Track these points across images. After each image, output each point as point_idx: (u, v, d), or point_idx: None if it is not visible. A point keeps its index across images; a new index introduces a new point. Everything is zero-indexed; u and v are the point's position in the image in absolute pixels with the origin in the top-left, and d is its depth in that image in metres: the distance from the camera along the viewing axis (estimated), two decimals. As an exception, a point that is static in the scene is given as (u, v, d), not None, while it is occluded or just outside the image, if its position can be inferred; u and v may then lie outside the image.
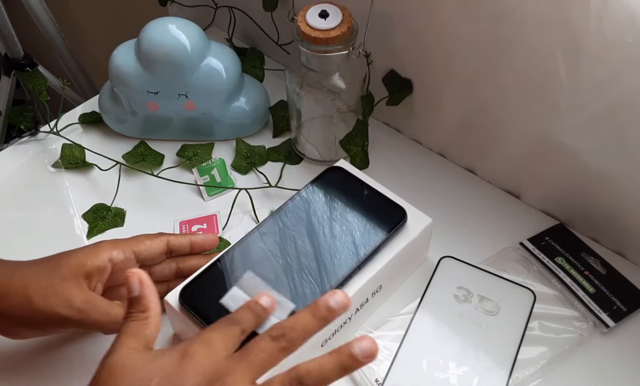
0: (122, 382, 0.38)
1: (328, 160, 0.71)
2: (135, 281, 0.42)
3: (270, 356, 0.39)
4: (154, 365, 0.38)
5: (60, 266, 0.49)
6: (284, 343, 0.39)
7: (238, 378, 0.38)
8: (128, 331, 0.41)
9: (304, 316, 0.41)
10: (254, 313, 0.43)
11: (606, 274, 0.59)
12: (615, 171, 0.57)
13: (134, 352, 0.39)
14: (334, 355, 0.39)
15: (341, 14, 0.60)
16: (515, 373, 0.52)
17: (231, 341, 0.41)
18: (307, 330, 0.40)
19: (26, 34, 1.14)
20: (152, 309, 0.41)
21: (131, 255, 0.52)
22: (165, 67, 0.67)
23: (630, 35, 0.49)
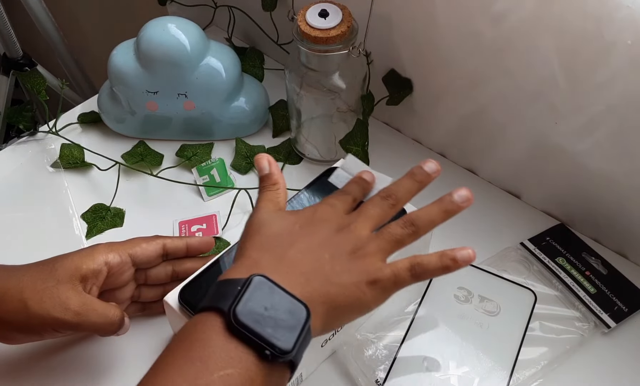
0: (273, 226, 0.45)
1: (328, 160, 0.71)
2: (265, 162, 0.49)
3: (382, 210, 0.47)
4: (294, 216, 0.46)
5: (55, 270, 0.49)
6: (392, 200, 0.47)
7: (360, 225, 0.45)
8: (266, 198, 0.48)
9: (405, 180, 0.48)
10: (360, 185, 0.50)
11: (607, 275, 0.59)
12: (616, 171, 0.57)
13: (273, 211, 0.47)
14: (438, 202, 0.46)
15: (341, 14, 0.60)
16: (516, 373, 0.52)
17: (348, 205, 0.48)
18: (409, 190, 0.47)
19: (25, 34, 1.14)
20: (281, 183, 0.49)
21: (127, 258, 0.52)
22: (164, 67, 0.67)
23: (629, 37, 0.49)
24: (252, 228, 0.45)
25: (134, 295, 0.55)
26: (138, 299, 0.56)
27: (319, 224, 0.45)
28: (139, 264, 0.54)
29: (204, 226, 0.65)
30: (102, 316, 0.49)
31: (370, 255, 0.44)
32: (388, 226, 0.45)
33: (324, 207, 0.47)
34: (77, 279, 0.49)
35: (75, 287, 0.49)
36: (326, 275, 0.42)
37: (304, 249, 0.43)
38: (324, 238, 0.44)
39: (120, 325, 0.51)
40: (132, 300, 0.56)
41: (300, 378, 0.53)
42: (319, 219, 0.46)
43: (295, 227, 0.45)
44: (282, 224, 0.45)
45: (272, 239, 0.44)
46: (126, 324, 0.51)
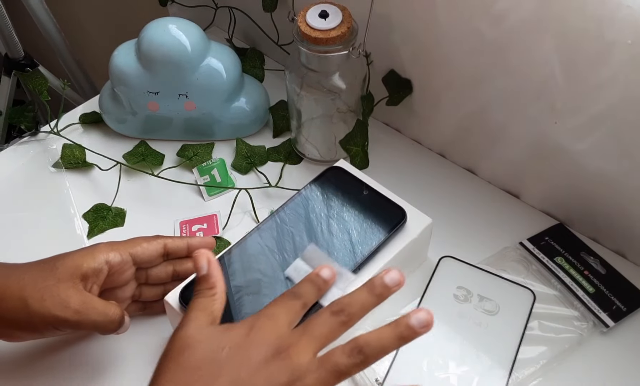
0: (196, 352, 0.40)
1: (328, 160, 0.71)
2: (203, 260, 0.45)
3: (330, 329, 0.41)
4: (224, 336, 0.41)
5: (56, 268, 0.49)
6: (344, 317, 0.41)
7: (301, 349, 0.40)
8: (198, 307, 0.43)
9: (361, 293, 0.43)
10: (315, 286, 0.45)
11: (606, 274, 0.59)
12: (615, 171, 0.57)
13: (205, 325, 0.42)
14: (393, 326, 0.41)
15: (341, 14, 0.60)
16: (515, 372, 0.52)
17: (294, 315, 0.43)
18: (364, 306, 0.42)
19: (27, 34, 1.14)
20: (218, 287, 0.44)
21: (128, 257, 0.52)
22: (165, 68, 0.67)
23: (630, 36, 0.49)
24: (174, 349, 0.41)
25: (134, 294, 0.56)
26: (139, 299, 0.57)
27: (253, 347, 0.40)
28: (140, 264, 0.54)
29: (204, 226, 0.66)
30: (102, 314, 0.49)
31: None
32: (332, 354, 0.40)
33: (264, 321, 0.42)
34: (78, 277, 0.49)
35: (75, 286, 0.49)
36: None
37: (230, 383, 0.39)
38: (255, 366, 0.39)
39: (120, 324, 0.51)
40: (133, 299, 0.56)
41: (300, 377, 0.53)
42: (253, 342, 0.40)
43: (224, 352, 0.40)
44: (210, 347, 0.40)
45: (193, 373, 0.39)
46: (126, 323, 0.52)
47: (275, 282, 0.52)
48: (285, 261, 0.54)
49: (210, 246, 0.57)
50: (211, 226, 0.66)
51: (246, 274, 0.53)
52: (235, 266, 0.54)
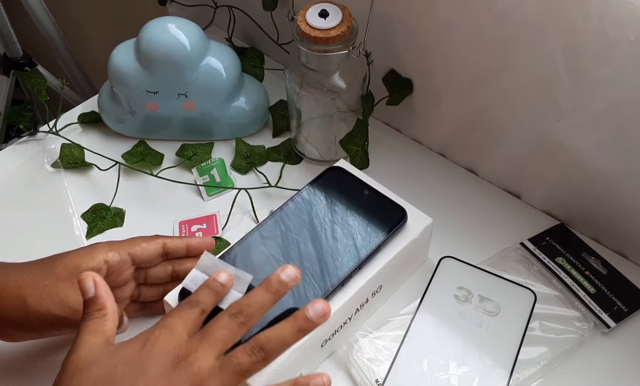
0: (89, 374, 0.39)
1: (328, 160, 0.71)
2: (89, 282, 0.43)
3: (230, 331, 0.41)
4: (117, 355, 0.40)
5: (55, 267, 0.49)
6: (242, 318, 0.42)
7: (201, 355, 0.40)
8: (88, 329, 0.42)
9: (258, 292, 0.43)
10: (213, 291, 0.45)
11: (607, 275, 0.59)
12: (617, 170, 0.57)
13: (97, 347, 0.41)
14: (291, 321, 0.41)
15: (341, 14, 0.60)
16: (515, 373, 0.52)
17: (192, 323, 0.42)
18: (262, 305, 0.43)
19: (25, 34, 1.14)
20: (109, 307, 0.43)
21: (127, 257, 0.52)
22: (164, 67, 0.67)
23: (632, 33, 0.49)
24: (66, 375, 0.40)
25: (133, 294, 0.55)
26: (138, 299, 0.56)
27: (149, 361, 0.39)
28: (139, 264, 0.53)
29: (204, 226, 0.65)
30: None
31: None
32: (234, 354, 0.40)
33: (160, 332, 0.41)
34: (76, 277, 0.49)
35: (74, 285, 0.49)
36: None
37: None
38: (153, 380, 0.38)
39: (119, 323, 0.50)
40: (132, 299, 0.56)
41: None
42: (149, 355, 0.39)
43: (117, 371, 0.39)
44: (103, 367, 0.39)
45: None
46: (125, 323, 0.51)
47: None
48: (285, 261, 0.54)
49: (210, 246, 0.56)
50: (210, 226, 0.65)
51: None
52: (235, 266, 0.54)
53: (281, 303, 0.49)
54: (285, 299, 0.50)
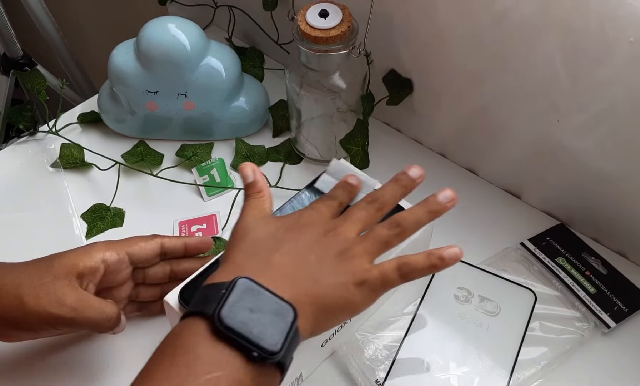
0: (256, 232, 0.45)
1: (328, 160, 0.70)
2: (249, 170, 0.49)
3: (368, 213, 0.46)
4: (278, 221, 0.46)
5: (52, 267, 0.49)
6: (378, 204, 0.47)
7: (346, 229, 0.45)
8: (251, 205, 0.48)
9: (390, 185, 0.48)
10: (345, 190, 0.50)
11: (607, 275, 0.59)
12: (617, 171, 0.57)
13: (259, 217, 0.47)
14: (424, 203, 0.46)
15: (341, 14, 0.60)
16: (516, 373, 0.52)
17: (333, 209, 0.48)
18: (394, 195, 0.48)
19: (25, 33, 1.14)
20: (265, 190, 0.49)
21: (125, 257, 0.52)
22: (164, 67, 0.67)
23: (632, 34, 0.49)
24: (238, 234, 0.46)
25: (131, 294, 0.55)
26: (136, 299, 0.56)
27: (305, 228, 0.45)
28: (137, 263, 0.53)
29: (203, 226, 0.65)
30: (99, 311, 0.49)
31: (357, 257, 0.44)
32: (374, 228, 0.45)
33: (310, 212, 0.47)
34: (74, 276, 0.49)
35: (71, 283, 0.49)
36: (313, 277, 0.42)
37: (289, 252, 0.43)
38: (310, 241, 0.44)
39: (116, 322, 0.50)
40: (130, 300, 0.56)
41: (300, 378, 0.53)
42: (305, 224, 0.45)
43: (280, 231, 0.45)
44: (268, 230, 0.45)
45: (257, 244, 0.44)
46: (122, 322, 0.51)
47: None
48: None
49: (208, 246, 0.56)
50: (210, 226, 0.65)
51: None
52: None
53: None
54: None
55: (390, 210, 0.47)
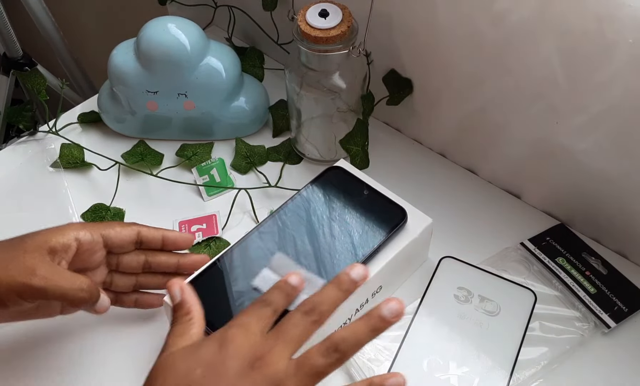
0: (170, 376, 0.40)
1: (328, 160, 0.71)
2: (176, 289, 0.45)
3: (304, 329, 0.41)
4: (195, 357, 0.40)
5: (24, 242, 0.49)
6: (315, 316, 0.42)
7: (277, 356, 0.40)
8: (176, 333, 0.43)
9: (330, 289, 0.43)
10: (284, 292, 0.44)
11: (607, 275, 0.59)
12: (617, 171, 0.57)
13: (179, 350, 0.42)
14: (365, 320, 0.41)
15: (341, 13, 0.60)
16: (516, 373, 0.52)
17: (265, 322, 0.42)
18: (334, 302, 0.43)
19: (25, 33, 1.14)
20: (194, 310, 0.44)
21: (99, 238, 0.51)
22: (164, 67, 0.67)
23: (631, 35, 0.49)
24: (156, 371, 0.41)
25: (105, 281, 0.54)
26: (109, 287, 0.55)
27: (227, 363, 0.39)
28: (111, 248, 0.53)
29: (203, 226, 0.65)
30: (70, 281, 0.48)
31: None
32: (309, 356, 0.40)
33: (235, 332, 0.41)
34: (46, 250, 0.48)
35: (43, 257, 0.48)
36: None
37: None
38: (233, 381, 0.39)
39: (93, 295, 0.49)
40: (104, 287, 0.55)
41: (300, 378, 0.52)
42: (227, 356, 0.40)
43: (197, 375, 0.39)
44: (181, 374, 0.40)
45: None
46: (104, 300, 0.50)
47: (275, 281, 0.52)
48: (285, 262, 0.53)
49: (187, 243, 0.56)
50: (210, 226, 0.65)
51: (245, 275, 0.53)
52: (235, 266, 0.54)
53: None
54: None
55: (327, 321, 0.42)
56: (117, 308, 0.55)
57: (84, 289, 0.48)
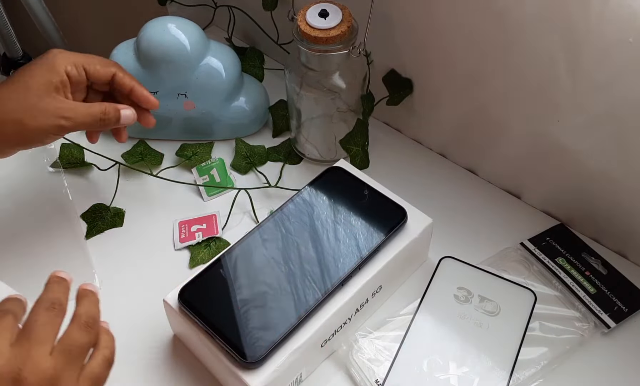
0: None
1: (328, 160, 0.71)
2: None
3: (52, 325, 0.41)
4: None
5: (29, 86, 0.54)
6: (57, 308, 0.41)
7: (36, 359, 0.38)
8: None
9: (54, 285, 0.43)
10: (15, 298, 0.43)
11: (607, 275, 0.59)
12: (617, 171, 0.57)
13: None
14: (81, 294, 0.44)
15: (341, 13, 0.60)
16: (515, 373, 0.52)
17: (9, 332, 0.39)
18: (64, 292, 0.43)
19: (25, 33, 1.14)
20: None
21: (82, 73, 0.57)
22: (164, 67, 0.67)
23: (631, 35, 0.49)
24: None
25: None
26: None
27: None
28: (89, 79, 0.58)
29: (203, 226, 0.65)
30: (88, 112, 0.55)
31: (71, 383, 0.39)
32: (67, 338, 0.40)
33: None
34: (53, 91, 0.54)
35: (55, 97, 0.54)
36: None
37: None
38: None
39: (114, 113, 0.57)
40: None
41: (300, 378, 0.53)
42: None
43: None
44: None
45: None
46: (126, 114, 0.58)
47: (275, 281, 0.52)
48: (285, 261, 0.53)
49: (151, 105, 0.60)
50: (210, 226, 0.65)
51: (246, 275, 0.53)
52: (235, 266, 0.54)
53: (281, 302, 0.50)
54: (285, 300, 0.50)
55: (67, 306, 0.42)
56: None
57: (105, 113, 0.56)
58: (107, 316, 0.53)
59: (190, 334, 0.52)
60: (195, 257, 0.63)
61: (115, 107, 0.57)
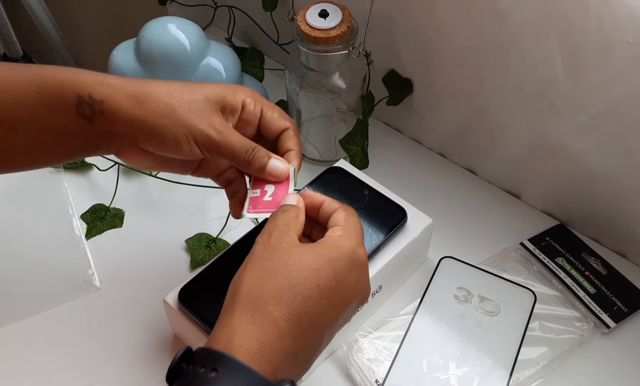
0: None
1: (328, 160, 0.71)
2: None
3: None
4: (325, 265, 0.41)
5: (201, 87, 0.48)
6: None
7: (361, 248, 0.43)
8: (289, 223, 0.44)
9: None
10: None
11: (607, 275, 0.59)
12: (616, 171, 0.57)
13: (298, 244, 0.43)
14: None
15: (341, 14, 0.60)
16: (515, 373, 0.52)
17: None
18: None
19: (25, 33, 1.14)
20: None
21: (258, 112, 0.50)
22: (164, 67, 0.67)
23: (631, 35, 0.49)
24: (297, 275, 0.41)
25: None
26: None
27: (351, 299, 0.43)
28: (260, 126, 0.51)
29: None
30: (240, 142, 0.47)
31: None
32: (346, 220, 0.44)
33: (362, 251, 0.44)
34: (219, 106, 0.48)
35: (218, 112, 0.47)
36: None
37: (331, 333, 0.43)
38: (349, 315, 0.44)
39: (260, 161, 0.48)
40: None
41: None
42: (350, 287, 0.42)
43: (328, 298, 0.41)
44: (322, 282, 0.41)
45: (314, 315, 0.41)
46: (276, 163, 0.49)
47: None
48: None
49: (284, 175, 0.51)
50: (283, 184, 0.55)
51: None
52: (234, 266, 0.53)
53: None
54: None
55: None
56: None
57: (255, 150, 0.48)
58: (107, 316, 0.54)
59: (190, 334, 0.52)
60: (195, 257, 0.63)
61: (267, 152, 0.48)
